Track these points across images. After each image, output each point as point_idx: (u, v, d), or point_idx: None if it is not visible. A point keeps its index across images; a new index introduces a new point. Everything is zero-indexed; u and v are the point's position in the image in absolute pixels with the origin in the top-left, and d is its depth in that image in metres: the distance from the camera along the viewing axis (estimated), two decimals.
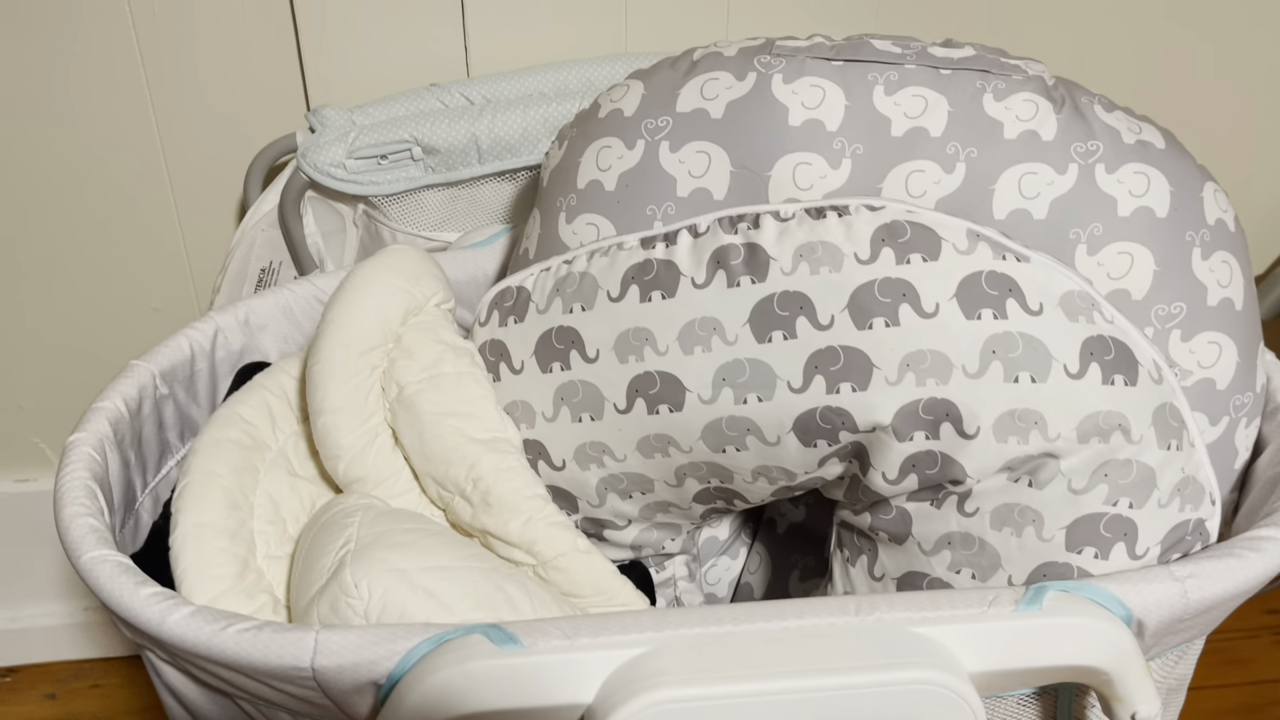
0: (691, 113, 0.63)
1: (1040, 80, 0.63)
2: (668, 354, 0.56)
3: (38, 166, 0.90)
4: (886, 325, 0.52)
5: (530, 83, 0.86)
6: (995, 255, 0.53)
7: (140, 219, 0.93)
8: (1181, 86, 0.96)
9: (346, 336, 0.59)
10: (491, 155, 0.82)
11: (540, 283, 0.62)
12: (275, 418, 0.63)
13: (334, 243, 0.87)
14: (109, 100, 0.88)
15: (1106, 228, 0.59)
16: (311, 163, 0.80)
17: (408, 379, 0.60)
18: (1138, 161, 0.60)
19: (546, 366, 0.60)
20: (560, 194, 0.67)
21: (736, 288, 0.55)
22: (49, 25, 0.85)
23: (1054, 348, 0.52)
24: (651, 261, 0.58)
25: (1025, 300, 0.52)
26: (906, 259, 0.53)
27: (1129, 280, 0.59)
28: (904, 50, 0.64)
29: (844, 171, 0.61)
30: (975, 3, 0.90)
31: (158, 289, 0.97)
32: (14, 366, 0.99)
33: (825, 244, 0.54)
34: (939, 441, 0.53)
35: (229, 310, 0.72)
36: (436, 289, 0.63)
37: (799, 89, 0.62)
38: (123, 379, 0.64)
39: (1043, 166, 0.60)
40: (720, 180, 0.63)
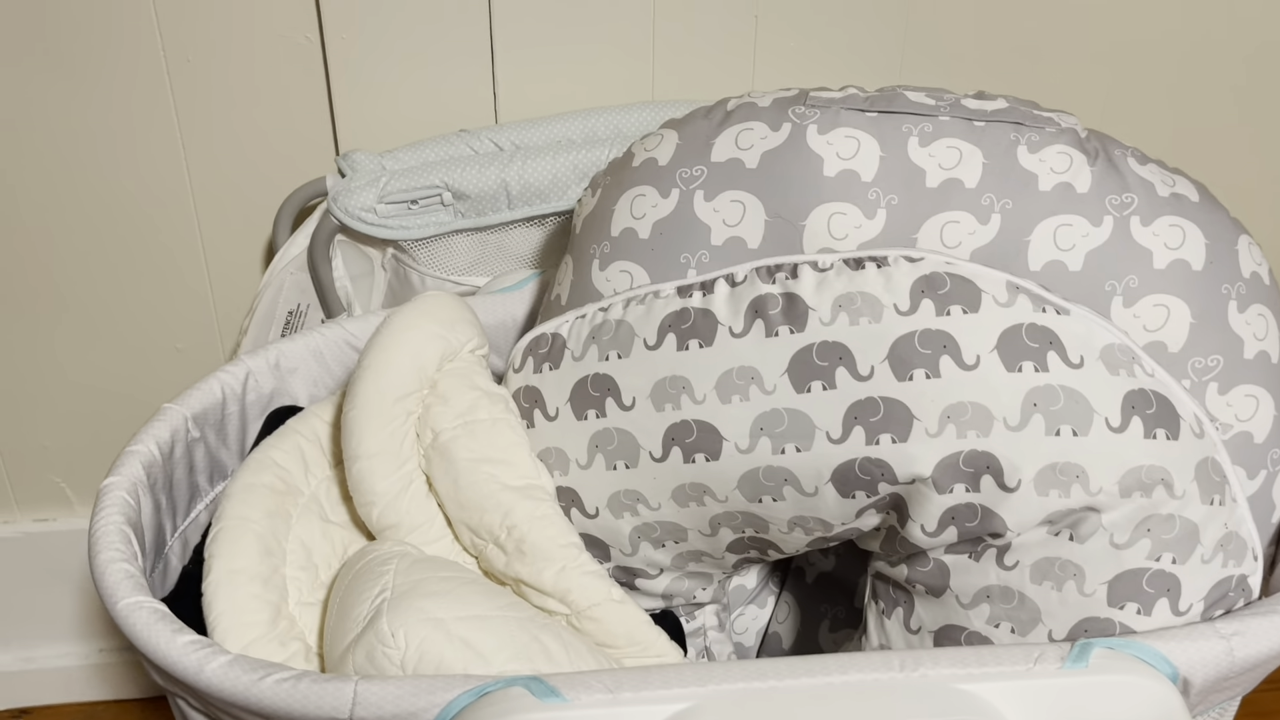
0: (726, 162, 0.64)
1: (1074, 133, 0.63)
2: (705, 403, 0.56)
3: (67, 204, 0.91)
4: (927, 377, 0.52)
5: (559, 129, 0.87)
6: (1035, 308, 0.53)
7: (167, 259, 0.94)
8: (1207, 133, 0.96)
9: (383, 382, 0.59)
10: (521, 201, 0.82)
11: (576, 330, 0.62)
12: (308, 462, 0.63)
13: (362, 286, 0.87)
14: (140, 140, 0.89)
15: (1142, 280, 0.59)
16: (342, 207, 0.81)
17: (443, 425, 0.60)
18: (1173, 214, 0.60)
19: (581, 414, 0.60)
20: (594, 241, 0.68)
21: (775, 337, 0.55)
22: (85, 68, 0.86)
23: (1095, 401, 0.52)
24: (688, 310, 0.58)
25: (1066, 353, 0.52)
26: (946, 310, 0.53)
27: (1165, 333, 0.59)
28: (937, 102, 0.64)
29: (879, 222, 0.62)
30: (997, 51, 0.91)
31: (182, 329, 0.98)
32: (38, 405, 0.99)
33: (864, 295, 0.54)
34: (979, 494, 0.53)
35: (260, 353, 0.72)
36: (471, 335, 0.64)
37: (834, 140, 0.63)
38: (155, 422, 0.64)
39: (1078, 219, 0.60)
40: (755, 229, 0.63)
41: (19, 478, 1.03)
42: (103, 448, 1.02)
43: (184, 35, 0.85)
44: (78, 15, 0.84)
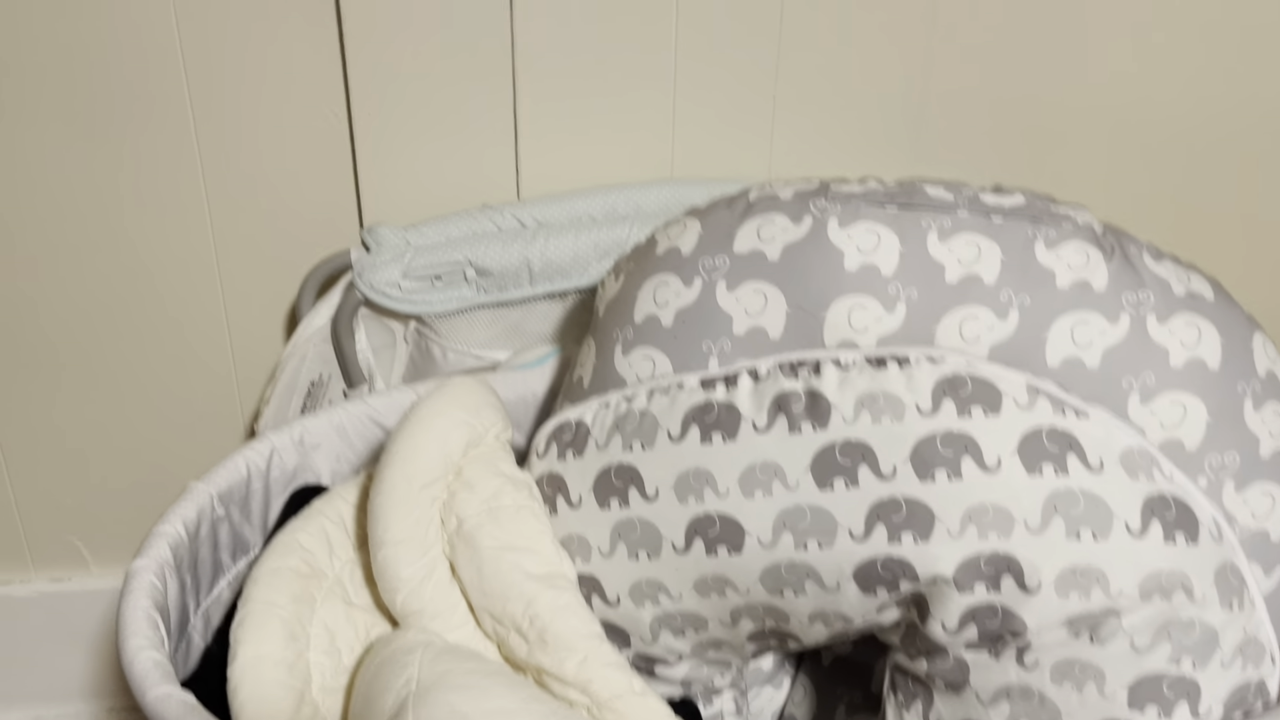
0: (748, 254, 0.65)
1: (1090, 229, 0.64)
2: (728, 496, 0.57)
3: (91, 267, 0.92)
4: (949, 477, 0.53)
5: (580, 206, 0.88)
6: (1055, 410, 0.54)
7: (190, 324, 0.95)
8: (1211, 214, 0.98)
9: (410, 469, 0.60)
10: (543, 278, 0.84)
11: (600, 418, 0.63)
12: (333, 545, 0.64)
13: (384, 358, 0.88)
14: (168, 208, 0.90)
15: (1159, 378, 0.60)
16: (368, 282, 0.82)
17: (468, 512, 0.60)
18: (1189, 312, 0.61)
19: (605, 502, 0.61)
20: (617, 326, 0.69)
21: (798, 433, 0.56)
22: (116, 136, 0.87)
23: (1115, 505, 0.52)
24: (712, 403, 0.59)
25: (1086, 456, 0.53)
26: (968, 412, 0.54)
27: (1182, 430, 0.60)
28: (956, 197, 0.66)
29: (899, 315, 0.63)
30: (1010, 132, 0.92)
31: (203, 392, 0.99)
32: (57, 464, 1.00)
33: (887, 394, 0.55)
34: (1000, 594, 0.53)
35: (284, 430, 0.73)
36: (496, 420, 0.64)
37: (854, 234, 0.64)
38: (183, 502, 0.65)
39: (1095, 316, 0.61)
40: (776, 320, 0.64)
41: (35, 536, 1.04)
42: (121, 508, 1.03)
43: (215, 107, 0.87)
44: (112, 84, 0.86)
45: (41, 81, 0.85)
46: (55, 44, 0.84)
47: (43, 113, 0.86)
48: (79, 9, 0.83)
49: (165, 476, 1.02)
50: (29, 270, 0.92)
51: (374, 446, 0.76)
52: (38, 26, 0.83)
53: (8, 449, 1.00)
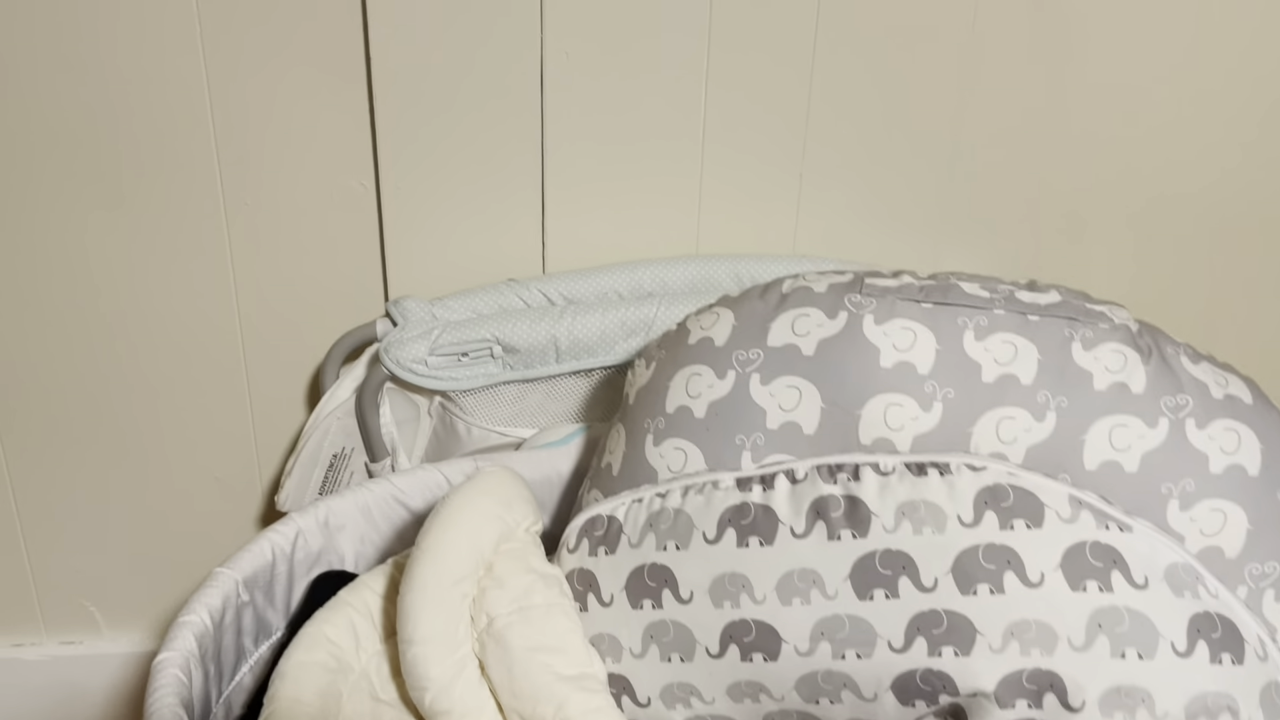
0: (783, 347, 0.65)
1: (1126, 329, 0.64)
2: (765, 603, 0.56)
3: (112, 332, 0.92)
4: (991, 592, 0.53)
5: (606, 282, 0.88)
6: (1098, 524, 0.54)
7: (211, 391, 0.95)
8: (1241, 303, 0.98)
9: (441, 566, 0.59)
10: (569, 355, 0.83)
11: (632, 514, 0.62)
12: (359, 637, 0.63)
13: (407, 431, 0.88)
14: (194, 275, 0.90)
15: (1199, 484, 0.60)
16: (394, 358, 0.82)
17: (498, 610, 0.60)
18: (1227, 418, 0.61)
19: (637, 603, 0.60)
20: (648, 415, 0.68)
21: (837, 541, 0.55)
22: (144, 205, 0.88)
23: (1160, 624, 0.52)
24: (748, 505, 0.58)
25: (1130, 573, 0.53)
26: (1010, 524, 0.53)
27: (1222, 538, 0.59)
28: (991, 294, 0.65)
29: (935, 414, 0.62)
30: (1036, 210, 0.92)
31: (222, 459, 0.98)
32: (72, 527, 0.99)
33: (928, 503, 0.55)
34: (1042, 712, 0.53)
35: (309, 511, 0.73)
36: (527, 513, 0.64)
37: (890, 331, 0.64)
38: (208, 589, 0.65)
39: (1133, 419, 0.61)
40: (811, 416, 0.64)
41: (48, 600, 1.03)
42: (136, 573, 1.02)
43: (244, 178, 0.88)
44: (141, 156, 0.86)
45: (72, 153, 0.86)
46: (86, 117, 0.84)
47: (71, 183, 0.87)
48: (109, 81, 0.83)
49: (182, 543, 1.01)
50: (53, 337, 0.92)
51: (399, 528, 0.75)
52: (67, 99, 0.84)
53: (24, 512, 0.99)
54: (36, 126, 0.85)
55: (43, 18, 0.81)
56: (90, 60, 0.83)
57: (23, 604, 1.03)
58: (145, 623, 1.05)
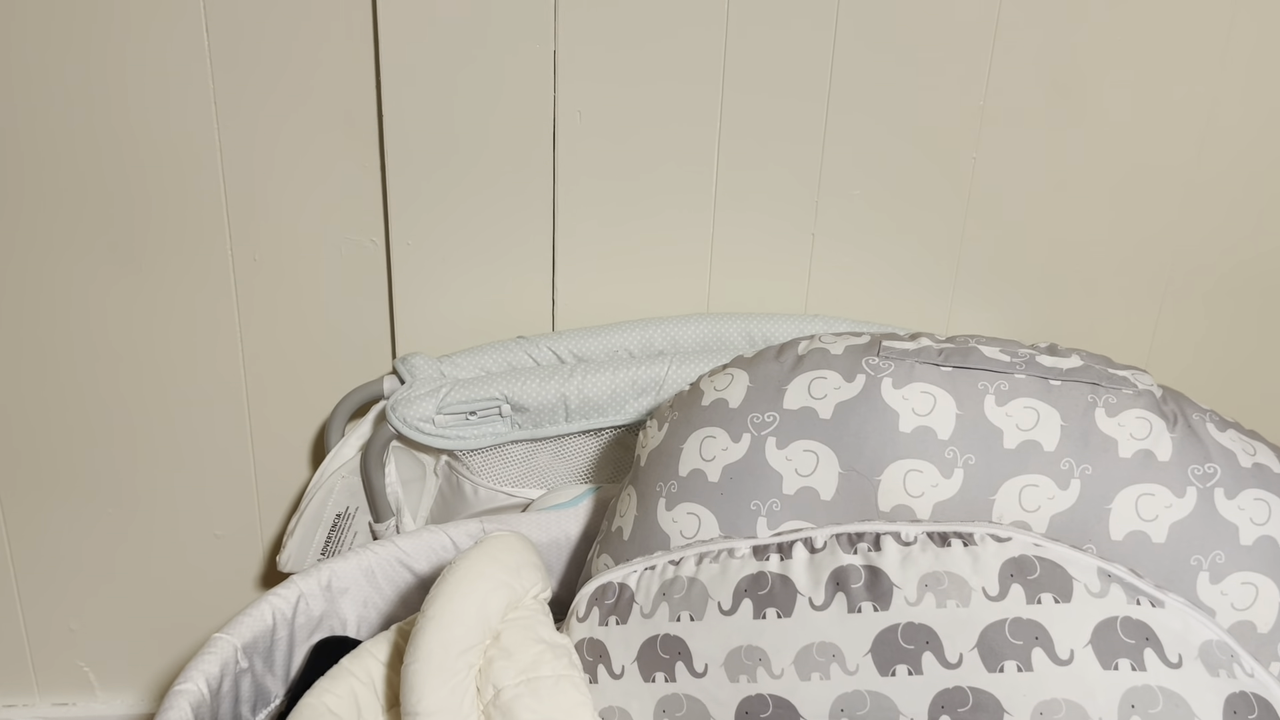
0: (799, 410, 0.64)
1: (1150, 395, 0.63)
2: (783, 678, 0.54)
3: (116, 389, 0.91)
4: (1019, 669, 0.51)
5: (616, 340, 0.87)
6: (1129, 599, 0.52)
7: (214, 448, 0.93)
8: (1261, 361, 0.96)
9: (446, 636, 0.57)
10: (579, 414, 0.82)
11: (644, 583, 0.60)
12: (361, 708, 0.61)
13: (412, 490, 0.86)
14: (200, 332, 0.89)
15: (1229, 556, 0.58)
16: (401, 416, 0.80)
17: (505, 681, 0.58)
18: (1257, 487, 0.59)
19: (649, 676, 0.58)
20: (660, 479, 0.67)
21: (858, 614, 0.54)
22: (152, 262, 0.87)
23: (1196, 705, 0.50)
24: (766, 575, 0.57)
25: (1164, 651, 0.51)
26: (1038, 599, 0.52)
27: (1254, 612, 0.57)
28: (1012, 359, 0.64)
29: (956, 481, 0.61)
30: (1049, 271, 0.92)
31: (223, 516, 0.96)
32: (68, 587, 0.97)
33: (951, 575, 0.53)
34: None
35: (311, 574, 0.71)
36: (536, 579, 0.62)
37: (909, 395, 0.62)
38: (205, 656, 0.63)
39: (1160, 489, 0.59)
40: (828, 481, 0.62)
41: (42, 660, 1.01)
42: (133, 633, 1.00)
43: (253, 235, 0.87)
44: (152, 211, 0.86)
45: (81, 209, 0.85)
46: (97, 174, 0.84)
47: (80, 239, 0.86)
48: (120, 139, 0.83)
49: (180, 603, 0.99)
50: (54, 394, 0.91)
51: (403, 591, 0.73)
52: (79, 156, 0.84)
53: (20, 570, 0.97)
54: (49, 194, 0.84)
55: (58, 79, 0.81)
56: (103, 119, 0.82)
57: (16, 664, 1.01)
58: (140, 684, 1.02)
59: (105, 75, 0.81)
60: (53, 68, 0.81)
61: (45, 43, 0.80)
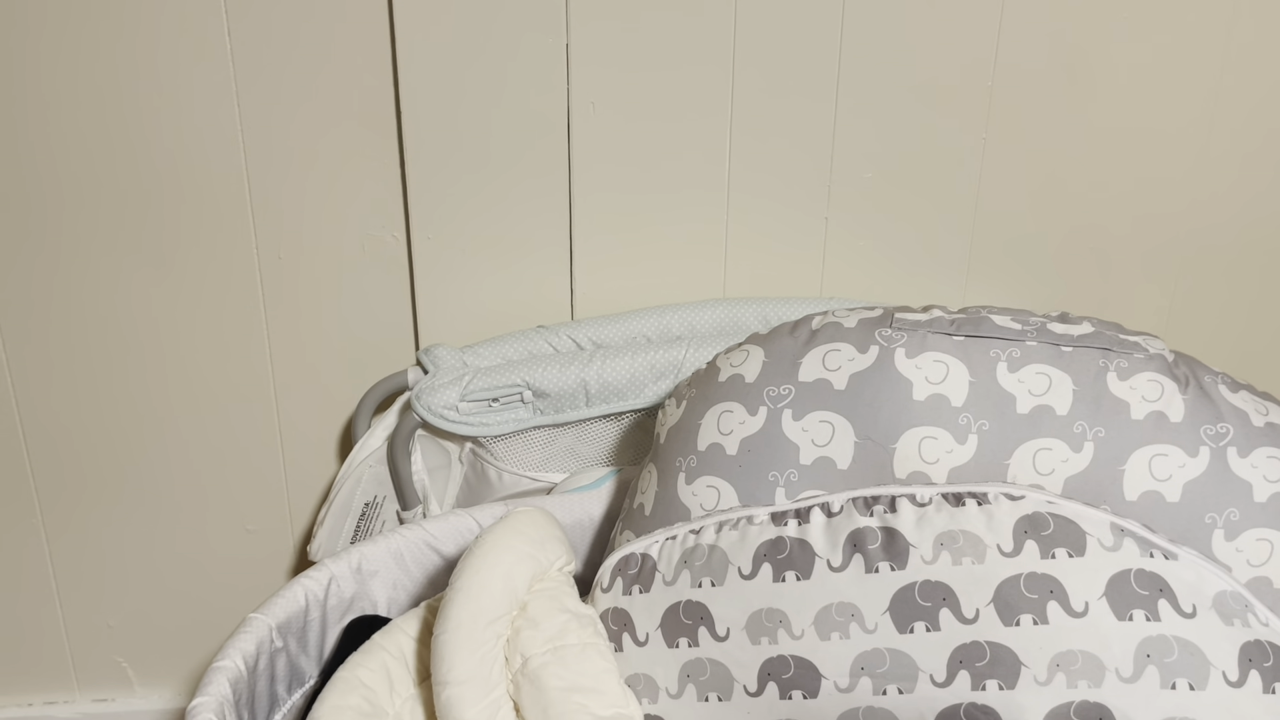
0: (814, 382, 0.65)
1: (1162, 358, 0.64)
2: (803, 638, 0.55)
3: (147, 387, 0.93)
4: (1035, 623, 0.52)
5: (635, 326, 0.89)
6: (1142, 552, 0.53)
7: (244, 443, 0.96)
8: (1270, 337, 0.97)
9: (474, 607, 0.59)
10: (599, 399, 0.83)
11: (666, 552, 0.62)
12: (393, 681, 0.62)
13: (438, 478, 0.88)
14: (228, 328, 0.91)
15: (1243, 513, 0.59)
16: (426, 405, 0.82)
17: (532, 650, 0.59)
18: (1270, 446, 0.60)
19: (673, 641, 0.59)
20: (679, 454, 0.68)
21: (875, 574, 0.55)
22: (181, 262, 0.89)
23: (1211, 653, 0.50)
24: (784, 539, 0.58)
25: (1178, 602, 0.51)
26: (1051, 554, 0.53)
27: (1269, 568, 0.58)
28: (1023, 326, 0.65)
29: (970, 447, 0.62)
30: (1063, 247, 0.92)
31: (254, 511, 0.98)
32: (105, 584, 1.00)
33: (966, 534, 0.54)
34: None
35: (342, 557, 0.72)
36: (560, 552, 0.64)
37: (922, 364, 0.63)
38: (241, 635, 0.64)
39: (1173, 449, 0.60)
40: (844, 450, 0.63)
41: (81, 657, 1.03)
42: (169, 628, 1.02)
43: (277, 234, 0.89)
44: (180, 214, 0.88)
45: (113, 217, 0.88)
46: (128, 175, 0.87)
47: (110, 241, 0.89)
48: (149, 141, 0.85)
49: (215, 596, 1.01)
50: (88, 394, 0.93)
51: (431, 573, 0.75)
52: (110, 158, 0.86)
53: (59, 569, 0.99)
54: (80, 194, 0.87)
55: (88, 90, 0.83)
56: (135, 126, 0.85)
57: (56, 661, 1.03)
58: (177, 678, 1.04)
59: (134, 84, 0.84)
60: (82, 79, 0.83)
61: (74, 56, 0.83)
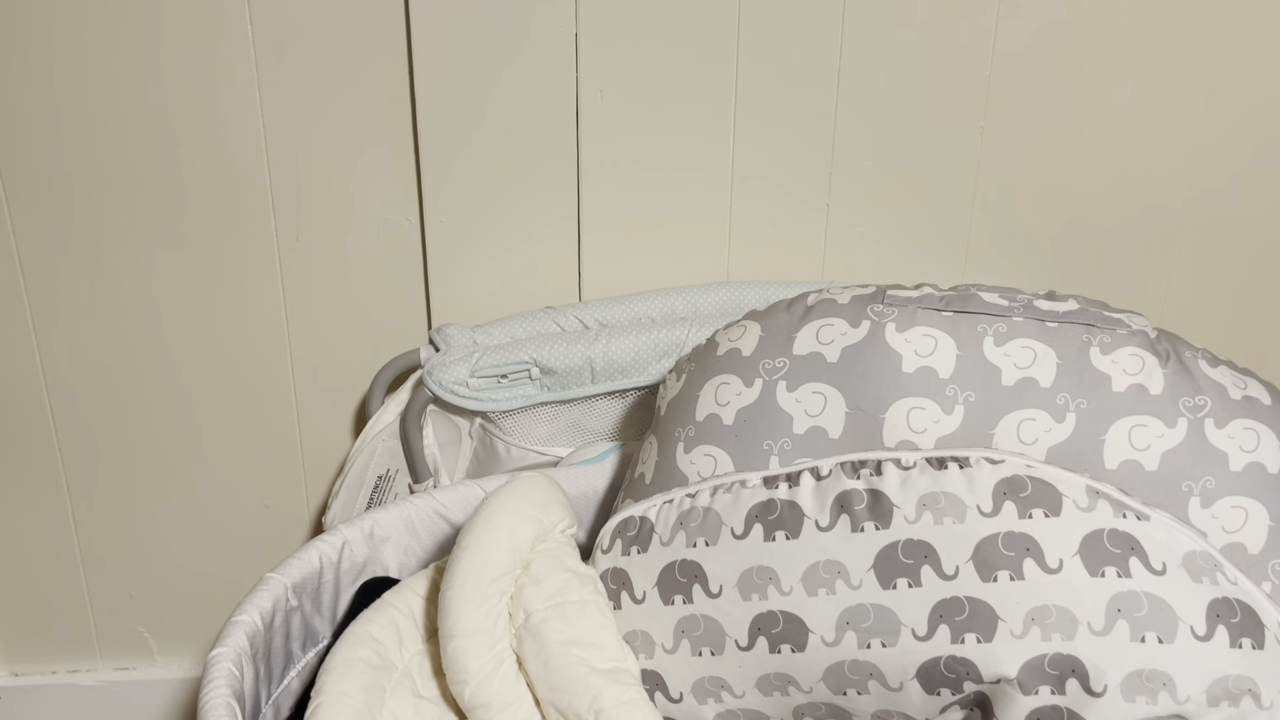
0: (808, 355, 0.67)
1: (1144, 334, 0.66)
2: (791, 594, 0.58)
3: (169, 366, 0.96)
4: (1011, 579, 0.54)
5: (640, 307, 0.91)
6: (1116, 513, 0.55)
7: (263, 421, 0.99)
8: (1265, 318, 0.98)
9: (479, 563, 0.62)
10: (604, 376, 0.86)
11: (663, 515, 0.64)
12: (403, 637, 0.65)
13: (449, 453, 0.91)
14: (248, 310, 0.95)
15: (1219, 482, 0.61)
16: (437, 380, 0.85)
17: (535, 606, 0.62)
18: (1246, 418, 0.62)
19: (668, 599, 0.62)
20: (678, 425, 0.71)
21: (860, 533, 0.57)
22: (203, 245, 0.93)
23: (1179, 609, 0.53)
24: (775, 501, 0.60)
25: (1148, 559, 0.54)
26: (1029, 514, 0.55)
27: (1244, 535, 0.60)
28: (1010, 303, 0.68)
29: (957, 417, 0.64)
30: (1061, 236, 0.94)
31: (272, 486, 1.02)
32: (127, 556, 1.03)
33: (948, 495, 0.56)
34: (1065, 697, 0.54)
35: (355, 523, 0.75)
36: (563, 515, 0.66)
37: (911, 338, 0.66)
38: (258, 592, 0.67)
39: (1152, 420, 0.62)
40: (836, 420, 0.66)
41: (104, 627, 1.07)
42: (189, 599, 1.05)
43: (296, 217, 0.92)
44: (202, 199, 0.91)
45: (137, 197, 0.91)
46: (150, 162, 0.90)
47: (134, 224, 0.92)
48: (174, 127, 0.89)
49: (233, 569, 1.04)
50: (113, 371, 0.97)
51: (440, 540, 0.78)
52: (135, 146, 0.89)
53: (83, 541, 1.03)
54: (104, 178, 0.90)
55: (113, 76, 0.87)
56: (156, 111, 0.88)
57: (80, 630, 1.07)
58: (197, 648, 1.08)
59: (158, 75, 0.87)
60: (105, 69, 0.87)
61: (98, 46, 0.86)
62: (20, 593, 1.05)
